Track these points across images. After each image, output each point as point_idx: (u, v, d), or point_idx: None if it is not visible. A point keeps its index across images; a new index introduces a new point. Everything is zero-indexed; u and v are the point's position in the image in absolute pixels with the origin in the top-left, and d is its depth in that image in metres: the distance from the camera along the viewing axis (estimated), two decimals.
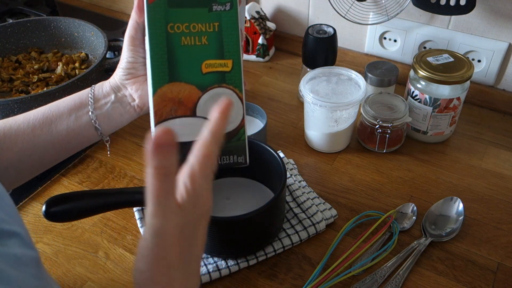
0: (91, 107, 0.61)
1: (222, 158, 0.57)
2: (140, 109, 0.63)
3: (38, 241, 0.73)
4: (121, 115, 0.63)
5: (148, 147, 0.36)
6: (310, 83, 0.85)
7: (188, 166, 0.41)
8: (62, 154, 0.64)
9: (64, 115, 0.61)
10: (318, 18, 1.09)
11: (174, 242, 0.40)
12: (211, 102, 0.56)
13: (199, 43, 0.55)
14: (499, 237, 0.72)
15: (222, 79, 0.56)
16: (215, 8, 0.55)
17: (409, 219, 0.75)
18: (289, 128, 0.94)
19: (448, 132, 0.89)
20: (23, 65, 1.01)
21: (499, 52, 0.92)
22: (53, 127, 0.60)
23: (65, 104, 0.62)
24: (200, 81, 0.56)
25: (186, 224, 0.41)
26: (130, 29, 0.59)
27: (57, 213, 0.58)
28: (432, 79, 0.81)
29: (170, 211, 0.39)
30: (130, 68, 0.61)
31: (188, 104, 0.55)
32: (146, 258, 0.41)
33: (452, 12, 0.86)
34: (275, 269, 0.69)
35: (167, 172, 0.38)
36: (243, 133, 0.57)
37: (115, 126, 0.64)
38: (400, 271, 0.67)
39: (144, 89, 0.62)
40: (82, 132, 0.62)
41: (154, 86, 0.55)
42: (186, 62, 0.55)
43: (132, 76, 0.61)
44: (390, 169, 0.85)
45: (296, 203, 0.75)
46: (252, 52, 1.13)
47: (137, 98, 0.62)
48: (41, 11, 1.20)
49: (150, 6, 0.54)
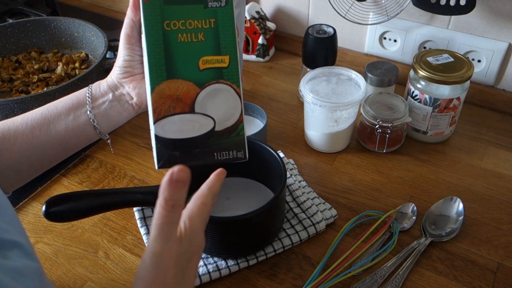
0: (89, 106, 0.61)
1: (222, 154, 0.57)
2: (138, 107, 0.63)
3: (38, 241, 0.73)
4: (120, 113, 0.63)
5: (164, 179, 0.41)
6: (310, 83, 0.85)
7: (187, 210, 0.46)
8: (61, 154, 0.63)
9: (62, 115, 0.61)
10: (318, 18, 1.09)
11: (170, 266, 0.43)
12: (209, 98, 0.56)
13: (195, 39, 0.55)
14: (499, 237, 0.73)
15: (220, 75, 0.56)
16: (210, 4, 0.56)
17: (409, 219, 0.75)
18: (289, 128, 0.94)
19: (448, 132, 0.89)
20: (23, 65, 1.01)
21: (499, 52, 0.92)
22: (52, 127, 0.60)
23: (63, 104, 0.61)
24: (197, 78, 0.56)
25: (182, 254, 0.44)
26: (126, 27, 0.59)
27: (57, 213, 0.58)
28: (432, 79, 0.81)
29: (171, 238, 0.43)
30: (127, 66, 0.61)
31: (187, 100, 0.55)
32: (143, 279, 0.43)
33: (452, 12, 0.86)
34: (275, 269, 0.69)
35: (175, 205, 0.42)
36: (241, 128, 0.57)
37: (114, 124, 0.64)
38: (400, 271, 0.67)
39: (142, 87, 0.62)
40: (81, 132, 0.62)
41: (152, 83, 0.55)
42: (183, 59, 0.55)
43: (129, 75, 0.61)
44: (390, 169, 0.85)
45: (296, 203, 0.75)
46: (252, 52, 1.13)
47: (135, 96, 0.62)
48: (41, 11, 1.20)
49: (146, 4, 0.54)
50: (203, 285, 0.66)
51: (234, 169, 0.78)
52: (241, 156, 0.58)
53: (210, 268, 0.67)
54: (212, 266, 0.67)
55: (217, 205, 0.74)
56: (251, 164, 0.76)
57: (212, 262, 0.68)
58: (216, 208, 0.74)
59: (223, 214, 0.71)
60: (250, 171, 0.77)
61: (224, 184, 0.78)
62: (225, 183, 0.78)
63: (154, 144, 0.55)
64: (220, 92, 0.56)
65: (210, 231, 0.64)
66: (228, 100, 0.57)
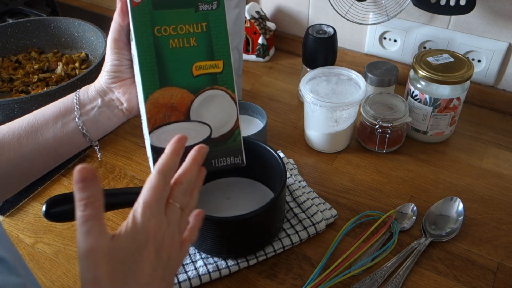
0: (77, 113, 0.59)
1: (220, 160, 0.57)
2: (128, 112, 0.61)
3: (38, 241, 0.73)
4: (109, 119, 0.61)
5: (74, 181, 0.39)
6: (310, 83, 0.85)
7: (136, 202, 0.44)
8: (51, 163, 0.62)
9: (50, 123, 0.59)
10: (318, 18, 1.09)
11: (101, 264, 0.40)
12: (205, 105, 0.55)
13: (187, 45, 0.54)
14: (499, 237, 0.73)
15: (214, 80, 0.55)
16: (201, 7, 0.54)
17: (409, 219, 0.75)
18: (289, 128, 0.94)
19: (448, 132, 0.89)
20: (23, 65, 1.01)
21: (499, 52, 0.92)
22: (39, 135, 0.58)
23: (50, 111, 0.59)
24: (191, 84, 0.54)
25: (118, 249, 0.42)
26: (114, 32, 0.56)
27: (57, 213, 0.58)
28: (432, 79, 0.81)
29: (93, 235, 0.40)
30: (115, 71, 0.59)
31: (181, 108, 0.54)
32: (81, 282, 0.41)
33: (452, 12, 0.86)
34: (275, 269, 0.69)
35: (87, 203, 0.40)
36: (238, 134, 0.57)
37: (104, 130, 0.62)
38: (400, 271, 0.67)
39: (132, 92, 0.59)
40: (70, 139, 0.60)
41: (146, 92, 0.53)
42: (176, 66, 0.54)
43: (118, 80, 0.59)
44: (390, 169, 0.85)
45: (296, 203, 0.75)
46: (252, 52, 1.13)
47: (125, 101, 0.60)
48: (41, 11, 1.20)
49: (134, 9, 0.52)
50: (203, 285, 0.66)
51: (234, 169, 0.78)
52: (238, 161, 0.58)
53: (210, 268, 0.67)
54: (212, 266, 0.67)
55: (217, 205, 0.74)
56: (251, 164, 0.76)
57: (212, 262, 0.68)
58: (216, 208, 0.74)
59: (223, 214, 0.72)
60: (250, 171, 0.77)
61: (224, 184, 0.79)
62: (225, 183, 0.79)
63: (150, 154, 0.54)
64: (215, 98, 0.55)
65: (210, 231, 0.64)
66: (224, 106, 0.56)
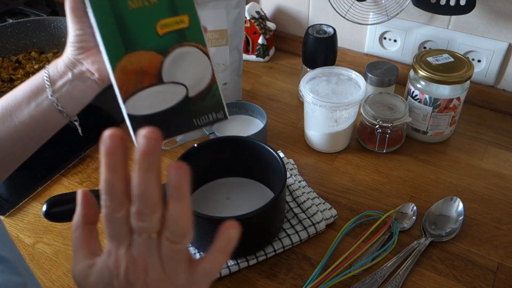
0: (49, 90, 0.57)
1: (201, 119, 0.53)
2: (102, 82, 0.59)
3: (38, 241, 0.73)
4: (83, 91, 0.58)
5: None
6: (310, 83, 0.85)
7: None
8: (32, 144, 0.60)
9: (23, 104, 0.57)
10: (318, 18, 1.09)
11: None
12: (176, 64, 0.52)
13: (147, 3, 0.50)
14: (499, 237, 0.73)
15: (182, 37, 0.52)
16: None
17: (409, 219, 0.75)
18: (289, 128, 0.94)
19: (448, 132, 0.89)
20: (23, 65, 1.01)
21: (499, 52, 0.92)
22: (15, 118, 0.57)
23: (22, 92, 0.58)
24: (158, 45, 0.51)
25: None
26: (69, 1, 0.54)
27: (57, 213, 0.58)
28: (432, 79, 0.81)
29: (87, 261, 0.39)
30: (79, 41, 0.56)
31: (152, 71, 0.51)
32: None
33: (452, 12, 0.86)
34: (275, 269, 0.69)
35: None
36: (216, 89, 0.53)
37: (80, 104, 0.59)
38: (400, 271, 0.67)
39: (101, 61, 0.56)
40: (47, 118, 0.58)
41: (112, 61, 0.50)
42: (139, 27, 0.50)
43: (85, 50, 0.56)
44: (390, 169, 0.85)
45: (296, 203, 0.75)
46: (252, 52, 1.13)
47: (95, 71, 0.57)
48: (41, 11, 1.20)
49: None
50: None
51: (234, 169, 0.78)
52: (221, 117, 0.54)
53: None
54: None
55: (217, 205, 0.74)
56: (251, 164, 0.76)
57: None
58: (216, 208, 0.74)
59: (223, 214, 0.72)
60: (250, 171, 0.77)
61: (224, 184, 0.79)
62: (225, 183, 0.79)
63: (129, 124, 0.51)
64: (186, 56, 0.52)
65: (210, 231, 0.64)
66: (197, 62, 0.53)
